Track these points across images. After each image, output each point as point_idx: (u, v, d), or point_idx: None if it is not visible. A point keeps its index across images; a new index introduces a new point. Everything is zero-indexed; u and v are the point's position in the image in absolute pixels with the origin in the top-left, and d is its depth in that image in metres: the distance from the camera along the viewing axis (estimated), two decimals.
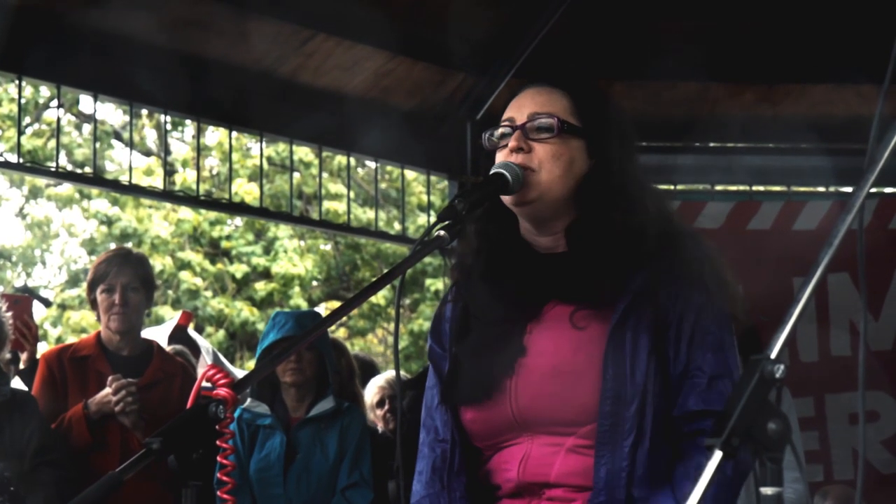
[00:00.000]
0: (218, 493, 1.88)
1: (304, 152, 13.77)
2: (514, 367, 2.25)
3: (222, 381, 1.83)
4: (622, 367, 2.16)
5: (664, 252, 2.24)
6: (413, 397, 5.14)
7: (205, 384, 1.84)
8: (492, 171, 2.25)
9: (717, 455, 1.41)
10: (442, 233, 2.15)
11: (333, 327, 10.92)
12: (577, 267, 2.26)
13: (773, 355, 1.44)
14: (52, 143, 13.81)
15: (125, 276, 4.49)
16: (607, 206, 2.25)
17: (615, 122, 2.34)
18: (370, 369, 6.40)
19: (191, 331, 7.55)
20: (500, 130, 2.31)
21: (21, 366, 4.62)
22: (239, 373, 7.75)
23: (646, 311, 2.19)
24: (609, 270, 2.22)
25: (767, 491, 1.42)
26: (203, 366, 6.28)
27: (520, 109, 2.31)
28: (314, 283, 16.82)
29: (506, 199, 2.28)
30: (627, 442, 2.14)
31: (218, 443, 1.84)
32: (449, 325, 2.39)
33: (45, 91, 15.34)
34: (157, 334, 6.57)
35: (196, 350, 6.80)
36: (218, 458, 1.88)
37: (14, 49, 4.94)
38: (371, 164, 7.46)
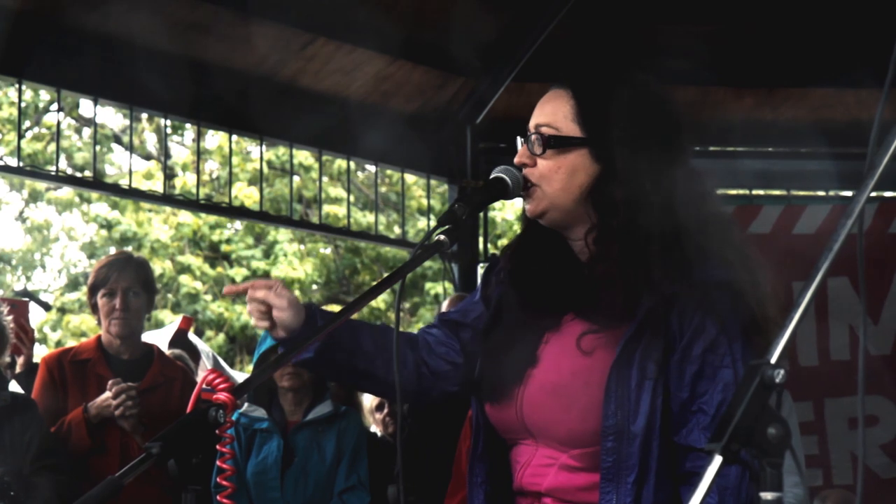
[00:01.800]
0: (217, 497, 1.88)
1: (304, 156, 13.77)
2: (522, 377, 2.24)
3: (222, 386, 1.83)
4: (626, 402, 2.08)
5: (683, 272, 2.11)
6: None
7: (204, 388, 1.84)
8: (492, 176, 2.24)
9: (718, 460, 1.40)
10: (442, 237, 2.15)
11: None
12: (587, 282, 2.19)
13: (773, 360, 1.44)
14: (52, 147, 13.81)
15: (126, 280, 4.49)
16: (605, 215, 2.18)
17: (625, 124, 2.19)
18: None
19: (191, 335, 7.54)
20: (520, 139, 2.26)
21: (17, 370, 4.62)
22: (239, 377, 7.74)
23: (654, 339, 2.10)
24: (614, 287, 2.13)
25: (767, 496, 1.41)
26: (203, 370, 6.27)
27: (532, 118, 2.26)
28: (314, 286, 16.81)
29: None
30: (631, 478, 2.08)
31: (218, 447, 1.83)
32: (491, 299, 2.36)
33: (45, 95, 15.34)
34: (158, 338, 6.56)
35: (196, 355, 6.79)
36: (217, 463, 1.88)
37: (14, 53, 4.95)
38: (371, 168, 7.45)
